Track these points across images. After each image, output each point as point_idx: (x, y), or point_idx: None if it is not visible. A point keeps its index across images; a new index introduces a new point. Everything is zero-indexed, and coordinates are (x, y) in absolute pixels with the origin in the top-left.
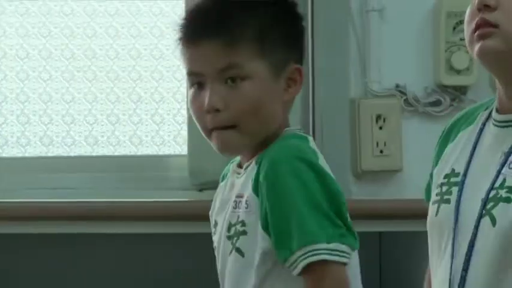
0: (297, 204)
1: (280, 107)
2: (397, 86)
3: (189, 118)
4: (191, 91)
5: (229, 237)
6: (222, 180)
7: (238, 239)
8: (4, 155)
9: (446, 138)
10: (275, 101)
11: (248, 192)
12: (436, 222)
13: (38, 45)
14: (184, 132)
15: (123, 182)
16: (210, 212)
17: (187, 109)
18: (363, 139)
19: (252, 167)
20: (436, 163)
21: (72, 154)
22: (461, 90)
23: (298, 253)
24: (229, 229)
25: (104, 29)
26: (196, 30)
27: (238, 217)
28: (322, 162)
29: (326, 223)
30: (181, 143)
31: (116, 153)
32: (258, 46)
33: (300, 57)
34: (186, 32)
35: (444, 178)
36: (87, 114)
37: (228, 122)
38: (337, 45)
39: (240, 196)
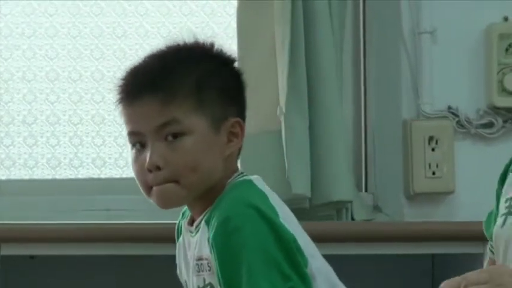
0: (246, 263)
1: (221, 161)
2: (450, 107)
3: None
4: (132, 152)
5: None
6: (178, 236)
7: None
8: (57, 176)
9: None
10: (215, 155)
11: (206, 254)
12: (503, 234)
13: (91, 66)
14: None
15: None
16: (178, 273)
17: None
18: (415, 161)
19: (203, 228)
20: (502, 181)
21: (124, 176)
22: None
23: None
24: None
25: None
26: (133, 89)
27: (205, 280)
28: (274, 200)
29: (276, 278)
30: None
31: None
32: (196, 101)
33: (240, 110)
34: (123, 92)
35: None
36: None
37: (169, 178)
38: (389, 67)
39: (200, 259)
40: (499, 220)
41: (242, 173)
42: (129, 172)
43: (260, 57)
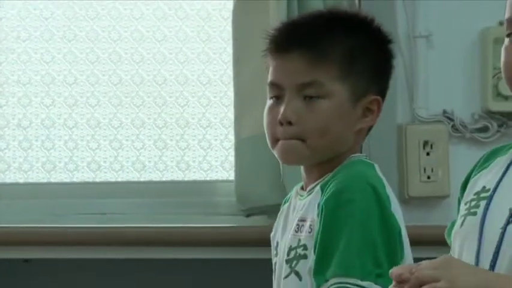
0: (348, 235)
1: (351, 133)
2: (445, 112)
3: (236, 143)
4: (269, 102)
5: (287, 261)
6: (285, 203)
7: (298, 262)
8: (52, 180)
9: (482, 165)
10: (347, 126)
11: (312, 217)
12: (461, 233)
13: (86, 70)
14: (232, 158)
15: (170, 208)
16: (272, 235)
17: (235, 135)
18: (410, 165)
19: (316, 192)
20: (464, 188)
21: (119, 179)
22: (509, 116)
23: (331, 282)
24: (289, 253)
25: (152, 54)
26: (285, 42)
27: (300, 241)
28: (389, 190)
29: (368, 260)
30: (228, 169)
31: (163, 179)
32: (343, 69)
33: (382, 89)
34: (275, 43)
35: (474, 195)
36: (134, 140)
37: (297, 136)
38: None
39: (303, 220)
40: (458, 221)
41: (367, 156)
42: (124, 176)
43: (256, 60)
